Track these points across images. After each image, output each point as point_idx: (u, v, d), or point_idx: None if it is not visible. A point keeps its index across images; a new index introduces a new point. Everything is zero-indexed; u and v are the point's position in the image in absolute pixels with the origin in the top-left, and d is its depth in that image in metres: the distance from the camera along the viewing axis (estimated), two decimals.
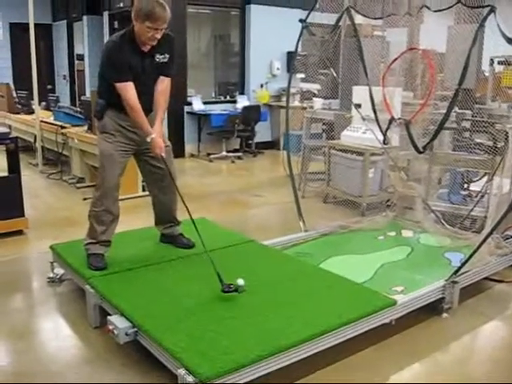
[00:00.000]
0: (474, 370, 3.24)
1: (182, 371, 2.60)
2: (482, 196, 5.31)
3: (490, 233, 3.96)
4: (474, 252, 3.85)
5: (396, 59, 5.34)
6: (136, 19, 3.63)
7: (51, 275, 4.24)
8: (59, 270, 4.22)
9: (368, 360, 3.20)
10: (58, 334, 3.54)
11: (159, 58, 3.83)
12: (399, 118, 5.16)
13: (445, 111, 4.70)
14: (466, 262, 3.86)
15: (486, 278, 4.23)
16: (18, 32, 12.54)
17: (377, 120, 5.35)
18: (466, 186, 5.71)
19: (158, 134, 3.80)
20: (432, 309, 3.74)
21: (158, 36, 3.67)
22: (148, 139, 3.76)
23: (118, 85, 3.69)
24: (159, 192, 4.16)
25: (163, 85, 3.91)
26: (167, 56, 3.87)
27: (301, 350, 2.91)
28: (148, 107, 3.85)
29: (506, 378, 3.12)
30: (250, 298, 3.42)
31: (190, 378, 2.54)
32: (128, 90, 3.68)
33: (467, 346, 3.54)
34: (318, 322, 3.08)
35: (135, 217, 5.55)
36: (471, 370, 3.22)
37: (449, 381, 3.04)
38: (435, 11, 4.54)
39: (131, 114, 3.72)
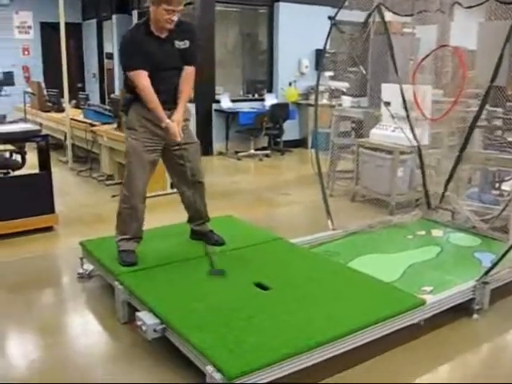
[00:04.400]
0: (503, 375, 3.18)
1: (210, 368, 2.61)
2: None
3: None
4: (506, 253, 3.79)
5: (427, 56, 5.30)
6: (153, 3, 3.66)
7: (81, 271, 4.29)
8: (88, 266, 4.28)
9: (395, 361, 3.17)
10: (86, 330, 3.59)
11: (179, 44, 3.82)
12: None
13: (475, 109, 4.65)
14: (498, 262, 3.80)
15: None
16: (48, 31, 12.73)
17: (408, 118, 5.31)
18: (497, 185, 5.63)
19: (176, 120, 3.79)
20: (462, 310, 3.69)
21: (175, 18, 3.69)
22: (162, 125, 3.76)
23: (129, 74, 3.73)
24: (186, 189, 4.16)
25: (186, 72, 3.89)
26: (187, 42, 3.85)
27: (328, 349, 2.90)
28: (170, 99, 3.83)
29: None
30: (277, 296, 3.43)
31: (217, 376, 2.55)
32: (140, 78, 3.69)
33: (497, 349, 3.49)
34: (345, 321, 3.07)
35: (164, 214, 5.60)
36: (501, 376, 3.16)
37: None
38: (468, 7, 4.48)
39: (146, 102, 3.73)
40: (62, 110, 8.88)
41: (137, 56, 3.69)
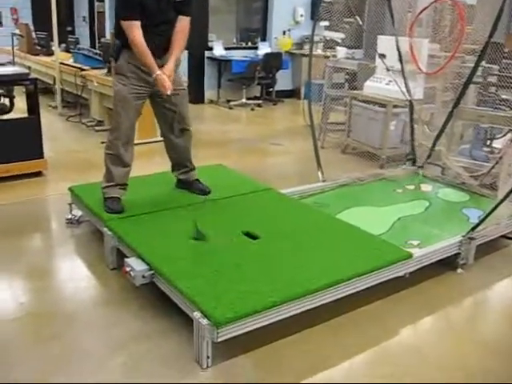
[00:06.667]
0: (484, 325, 3.27)
1: (197, 314, 2.66)
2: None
3: (511, 191, 3.92)
4: (494, 209, 3.83)
5: (425, 9, 5.23)
6: None
7: (69, 217, 4.30)
8: (77, 212, 4.29)
9: (380, 312, 3.24)
10: (75, 275, 3.61)
11: None
12: None
13: (471, 65, 4.62)
14: (485, 219, 3.84)
15: (502, 236, 4.21)
16: None
17: (402, 71, 5.27)
18: (488, 142, 5.64)
19: (167, 71, 3.74)
20: (447, 264, 3.75)
21: None
22: (153, 76, 3.71)
23: (123, 23, 3.66)
24: (173, 135, 4.16)
25: (181, 24, 3.82)
26: None
27: (314, 299, 2.95)
28: (162, 51, 3.78)
29: None
30: (266, 245, 3.46)
31: (205, 321, 2.60)
32: (133, 29, 3.63)
33: (480, 302, 3.56)
34: (332, 272, 3.11)
35: (152, 161, 5.60)
36: (482, 326, 3.25)
37: (459, 338, 3.08)
38: None
39: (137, 53, 3.68)
40: (51, 54, 8.73)
41: (134, 7, 3.62)
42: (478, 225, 3.84)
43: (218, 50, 9.81)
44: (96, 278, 3.57)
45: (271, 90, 10.22)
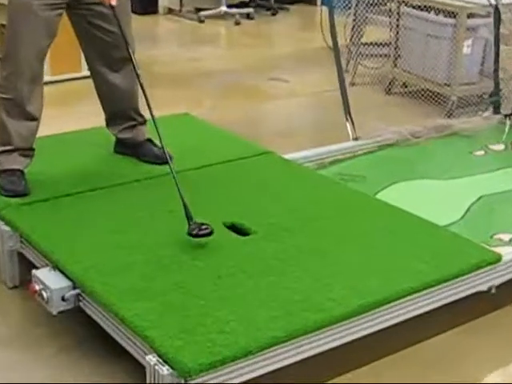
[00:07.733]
0: None
1: (152, 358, 2.63)
2: None
3: None
4: None
5: None
6: None
7: None
8: None
9: (451, 348, 3.25)
10: None
11: None
12: None
13: None
14: None
15: None
16: None
17: None
18: None
19: None
20: None
21: None
22: None
23: None
24: (108, 69, 4.16)
25: None
26: None
27: (344, 330, 2.94)
28: None
29: None
30: (262, 245, 3.46)
31: (164, 370, 2.57)
32: None
33: None
34: (371, 288, 3.10)
35: (76, 110, 5.57)
36: None
37: None
38: None
39: None
40: None
41: None
42: None
43: None
44: None
45: None
